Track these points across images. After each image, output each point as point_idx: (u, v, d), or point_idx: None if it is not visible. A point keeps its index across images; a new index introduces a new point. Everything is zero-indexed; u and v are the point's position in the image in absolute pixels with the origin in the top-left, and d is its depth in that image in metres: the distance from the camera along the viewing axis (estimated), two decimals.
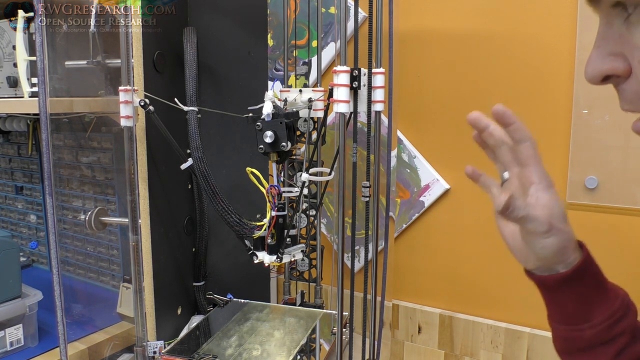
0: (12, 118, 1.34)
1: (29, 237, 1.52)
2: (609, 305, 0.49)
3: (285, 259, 0.85)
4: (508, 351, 1.14)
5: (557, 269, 0.50)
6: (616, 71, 0.38)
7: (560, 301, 0.51)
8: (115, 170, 1.19)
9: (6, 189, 1.56)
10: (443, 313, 1.21)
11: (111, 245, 1.24)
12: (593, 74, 0.39)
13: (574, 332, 0.50)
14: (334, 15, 1.24)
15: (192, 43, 0.99)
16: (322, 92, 0.94)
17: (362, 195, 0.83)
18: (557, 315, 0.52)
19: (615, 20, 0.38)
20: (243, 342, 0.93)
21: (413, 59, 1.17)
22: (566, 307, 0.51)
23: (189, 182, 1.09)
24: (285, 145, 0.77)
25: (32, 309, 1.05)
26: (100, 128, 1.20)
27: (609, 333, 0.49)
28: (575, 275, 0.49)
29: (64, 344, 0.85)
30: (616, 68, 0.38)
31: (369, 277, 0.89)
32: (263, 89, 1.03)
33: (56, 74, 1.03)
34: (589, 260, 0.50)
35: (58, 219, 1.03)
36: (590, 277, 0.50)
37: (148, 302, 0.96)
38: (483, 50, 1.10)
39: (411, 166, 1.20)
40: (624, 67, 0.38)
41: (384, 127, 0.97)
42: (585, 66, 0.40)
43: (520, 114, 1.13)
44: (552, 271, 0.50)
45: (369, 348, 0.92)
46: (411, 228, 1.24)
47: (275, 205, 0.81)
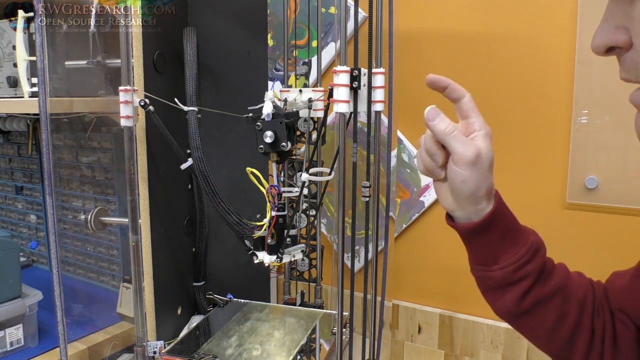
0: (12, 118, 1.34)
1: (29, 237, 1.52)
2: (517, 250, 0.56)
3: (285, 259, 0.85)
4: (508, 351, 1.14)
5: (471, 218, 0.56)
6: (618, 42, 0.41)
7: (475, 246, 0.59)
8: (115, 170, 1.20)
9: (6, 189, 1.56)
10: (443, 313, 1.21)
11: (111, 245, 1.24)
12: (598, 44, 0.43)
13: (486, 272, 0.58)
14: (334, 15, 1.24)
15: (192, 43, 0.99)
16: (322, 92, 0.94)
17: (362, 195, 0.83)
18: (473, 257, 0.60)
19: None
20: (243, 342, 0.93)
21: (413, 59, 1.17)
22: (479, 251, 0.58)
23: (189, 182, 1.09)
24: (285, 145, 0.77)
25: (32, 309, 1.05)
26: (100, 128, 1.21)
27: (514, 275, 0.56)
28: (486, 224, 0.55)
29: (64, 344, 0.85)
30: (618, 40, 0.41)
31: (369, 277, 0.89)
32: (263, 89, 1.03)
33: (56, 74, 1.03)
34: (501, 209, 0.56)
35: (58, 219, 1.03)
36: (500, 224, 0.56)
37: (148, 302, 0.96)
38: (483, 50, 1.10)
39: (411, 166, 1.20)
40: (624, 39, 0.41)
41: (384, 127, 0.96)
42: (592, 38, 0.43)
43: (520, 114, 1.13)
44: (467, 220, 0.57)
45: (369, 348, 0.92)
46: (411, 228, 1.24)
47: (275, 205, 0.81)
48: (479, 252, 0.59)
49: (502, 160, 1.10)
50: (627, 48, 0.41)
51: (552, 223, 1.07)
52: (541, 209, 1.07)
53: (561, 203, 1.06)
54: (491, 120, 1.24)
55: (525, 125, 1.07)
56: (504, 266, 0.56)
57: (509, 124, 1.09)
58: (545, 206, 1.07)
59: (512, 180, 1.09)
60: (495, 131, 1.25)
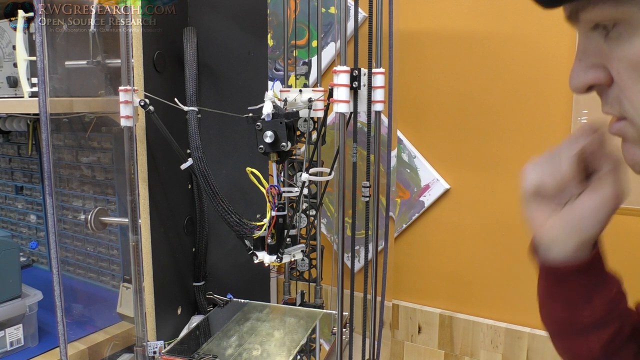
0: (12, 118, 1.34)
1: (29, 237, 1.52)
2: (609, 289, 0.50)
3: (285, 259, 0.85)
4: (508, 351, 1.14)
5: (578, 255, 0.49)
6: (599, 81, 0.41)
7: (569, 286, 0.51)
8: (115, 170, 1.20)
9: (6, 189, 1.56)
10: (443, 313, 1.21)
11: (111, 245, 1.24)
12: (577, 84, 0.42)
13: (575, 314, 0.51)
14: (334, 15, 1.24)
15: (192, 43, 0.99)
16: (322, 92, 0.94)
17: (362, 195, 0.83)
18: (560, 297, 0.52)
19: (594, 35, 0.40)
20: (243, 342, 0.93)
21: (413, 59, 1.17)
22: (573, 291, 0.50)
23: (189, 182, 1.09)
24: (285, 145, 0.77)
25: (32, 309, 1.05)
26: (100, 128, 1.20)
27: (605, 317, 0.50)
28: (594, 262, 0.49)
29: (64, 344, 0.85)
30: (598, 78, 0.41)
31: (369, 277, 0.89)
32: (263, 89, 1.03)
33: (56, 74, 1.03)
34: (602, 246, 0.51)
35: (58, 219, 1.03)
36: (603, 262, 0.50)
37: (148, 302, 0.96)
38: (483, 51, 1.10)
39: (411, 166, 1.20)
40: (604, 77, 0.40)
41: (384, 127, 0.97)
42: (569, 78, 0.43)
43: (520, 114, 1.13)
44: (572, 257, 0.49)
45: (369, 348, 0.92)
46: (411, 228, 1.24)
47: (275, 205, 0.81)
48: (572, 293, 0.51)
49: (503, 161, 1.10)
50: (608, 84, 0.41)
51: None
52: None
53: None
54: (491, 120, 1.24)
55: (525, 125, 1.07)
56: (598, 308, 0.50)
57: (509, 124, 1.09)
58: None
59: (512, 180, 1.09)
60: (495, 131, 1.26)
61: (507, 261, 1.13)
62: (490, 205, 1.13)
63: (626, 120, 0.40)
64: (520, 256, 1.12)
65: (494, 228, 1.14)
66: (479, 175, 1.13)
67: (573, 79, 0.42)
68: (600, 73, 0.41)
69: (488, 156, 1.12)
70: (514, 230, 1.11)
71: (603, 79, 0.41)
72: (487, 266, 1.16)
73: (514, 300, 1.14)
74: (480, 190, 1.14)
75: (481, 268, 1.16)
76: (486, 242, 1.15)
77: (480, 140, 1.12)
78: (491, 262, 1.15)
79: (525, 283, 1.12)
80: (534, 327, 1.11)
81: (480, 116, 1.11)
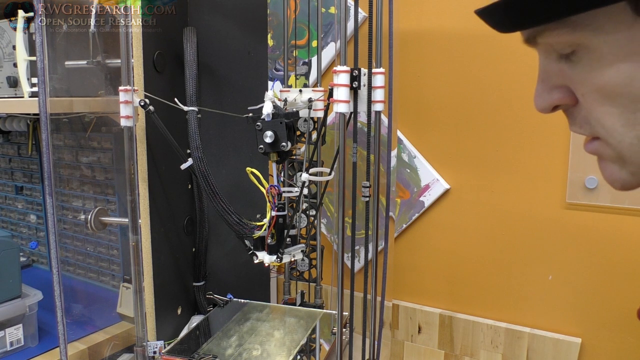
0: (12, 118, 1.34)
1: (29, 237, 1.52)
2: None
3: (285, 259, 0.85)
4: (508, 351, 1.14)
5: None
6: (564, 102, 0.41)
7: None
8: (115, 170, 1.20)
9: (6, 189, 1.56)
10: (443, 313, 1.21)
11: (111, 245, 1.24)
12: (543, 106, 0.43)
13: None
14: (334, 15, 1.24)
15: (192, 43, 0.99)
16: (322, 92, 0.94)
17: (362, 195, 0.83)
18: None
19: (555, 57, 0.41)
20: (243, 342, 0.93)
21: (413, 59, 1.17)
22: None
23: (189, 182, 1.09)
24: (285, 145, 0.77)
25: (32, 309, 1.05)
26: (100, 128, 1.20)
27: None
28: None
29: (64, 344, 0.85)
30: (563, 99, 0.41)
31: (369, 277, 0.89)
32: (263, 89, 1.03)
33: (56, 74, 1.03)
34: None
35: (58, 219, 1.03)
36: None
37: (148, 302, 0.96)
38: (483, 51, 1.10)
39: (411, 166, 1.20)
40: (569, 98, 0.41)
41: (384, 127, 0.97)
42: (534, 98, 0.43)
43: (520, 114, 1.13)
44: None
45: (369, 348, 0.92)
46: (411, 228, 1.24)
47: (275, 205, 0.81)
48: None
49: (503, 161, 1.10)
50: (573, 104, 0.41)
51: (552, 223, 1.07)
52: (541, 209, 1.07)
53: (561, 203, 1.06)
54: (491, 120, 1.24)
55: (526, 125, 1.07)
56: None
57: (509, 124, 1.09)
58: (545, 206, 1.07)
59: (512, 180, 1.09)
60: (495, 131, 1.26)
61: (507, 261, 1.13)
62: (490, 205, 1.13)
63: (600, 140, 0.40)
64: (520, 256, 1.12)
65: (494, 228, 1.14)
66: (479, 175, 1.13)
67: (538, 100, 0.43)
68: (564, 94, 0.41)
69: (488, 156, 1.12)
70: (514, 230, 1.11)
71: (568, 99, 0.41)
72: (487, 266, 1.16)
73: (514, 300, 1.14)
74: (480, 190, 1.14)
75: (481, 268, 1.16)
76: (486, 242, 1.15)
77: (480, 140, 1.12)
78: (491, 262, 1.15)
79: (526, 283, 1.12)
80: (534, 327, 1.11)
81: (480, 116, 1.11)
